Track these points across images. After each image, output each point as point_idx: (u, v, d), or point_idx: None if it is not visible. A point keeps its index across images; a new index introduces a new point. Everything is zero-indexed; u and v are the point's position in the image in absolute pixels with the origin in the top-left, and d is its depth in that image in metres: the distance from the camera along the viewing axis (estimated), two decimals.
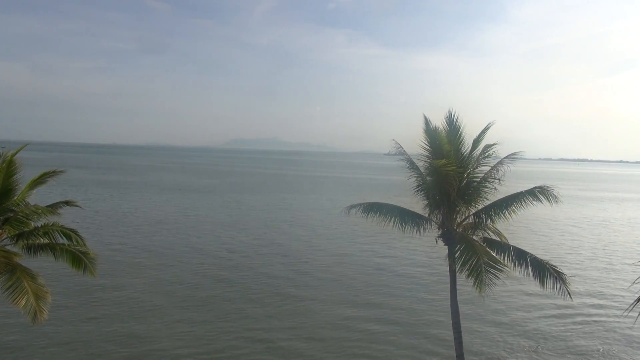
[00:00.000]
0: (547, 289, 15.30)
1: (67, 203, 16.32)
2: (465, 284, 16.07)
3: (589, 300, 33.07)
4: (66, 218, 16.41)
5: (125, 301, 29.88)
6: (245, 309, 29.33)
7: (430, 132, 16.42)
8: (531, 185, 16.37)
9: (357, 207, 17.80)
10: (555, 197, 15.66)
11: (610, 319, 29.38)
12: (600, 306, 32.00)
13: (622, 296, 33.49)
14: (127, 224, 57.34)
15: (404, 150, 17.14)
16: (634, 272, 40.81)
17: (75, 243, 15.17)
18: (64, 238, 15.08)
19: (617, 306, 31.16)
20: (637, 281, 5.05)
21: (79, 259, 15.06)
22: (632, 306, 4.92)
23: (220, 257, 42.65)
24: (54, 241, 15.03)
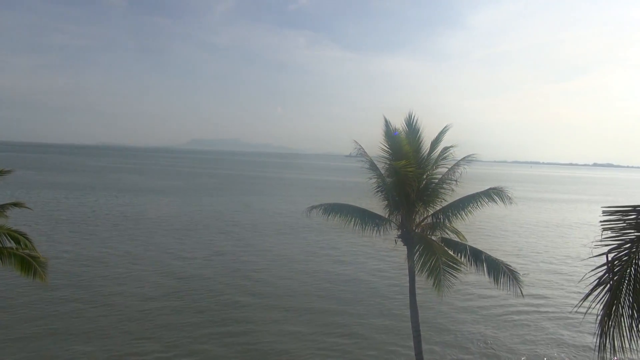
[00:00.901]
0: (501, 288, 15.77)
1: (15, 205, 15.62)
2: (424, 285, 16.33)
3: (541, 300, 34.34)
4: (15, 221, 15.70)
5: (62, 316, 27.18)
6: (191, 321, 27.38)
7: (390, 133, 16.66)
8: (486, 187, 16.88)
9: (318, 208, 17.85)
10: (509, 198, 16.20)
11: (562, 315, 30.65)
12: (551, 304, 33.31)
13: (575, 293, 35.01)
14: (78, 227, 55.03)
15: (365, 152, 17.32)
16: (582, 270, 42.64)
17: (24, 247, 14.52)
18: (12, 241, 14.41)
19: (569, 303, 32.53)
20: (584, 279, 5.26)
21: (28, 264, 14.39)
22: (580, 303, 5.13)
23: (171, 264, 40.69)
24: (0, 245, 14.34)
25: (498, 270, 15.79)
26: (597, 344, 5.11)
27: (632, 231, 5.20)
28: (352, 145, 17.36)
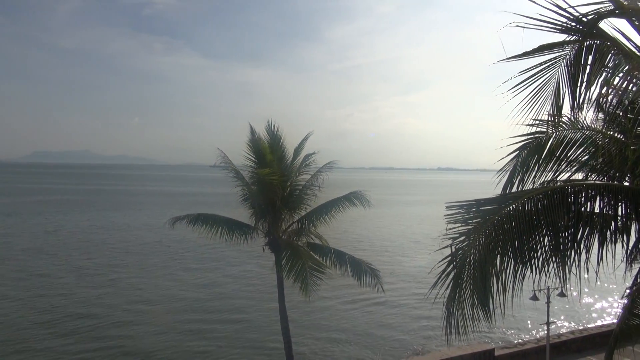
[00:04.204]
0: (364, 286, 16.70)
1: None
2: (292, 291, 16.62)
3: (397, 292, 37.15)
4: None
5: None
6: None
7: (255, 141, 16.70)
8: (347, 192, 17.79)
9: (182, 219, 17.14)
10: (368, 201, 17.27)
11: (417, 304, 33.48)
12: (407, 295, 36.27)
13: (426, 283, 38.50)
14: None
15: (229, 161, 17.11)
16: (432, 262, 47.06)
17: None
18: None
19: (421, 292, 35.67)
20: (433, 269, 5.83)
21: None
22: (430, 290, 5.67)
23: (26, 293, 36.65)
24: None
25: (361, 270, 16.68)
26: (444, 323, 5.69)
27: (472, 221, 5.93)
28: (217, 155, 17.06)
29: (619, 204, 6.19)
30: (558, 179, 7.58)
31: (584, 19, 6.30)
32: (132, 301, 33.90)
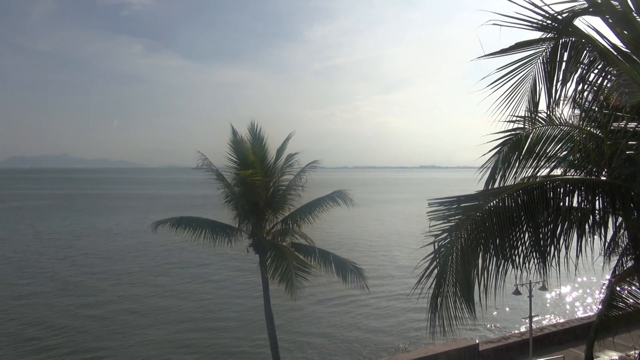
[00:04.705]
0: (349, 284, 16.74)
1: None
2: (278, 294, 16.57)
3: (382, 290, 37.34)
4: None
5: None
6: None
7: (237, 142, 16.58)
8: (330, 191, 17.80)
9: (165, 222, 16.95)
10: (351, 200, 17.29)
11: (399, 302, 33.70)
12: (392, 294, 36.48)
13: (411, 281, 38.76)
14: None
15: (211, 163, 16.98)
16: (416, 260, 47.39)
17: None
18: None
19: (406, 292, 35.91)
20: (417, 267, 5.87)
21: None
22: (414, 288, 5.71)
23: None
24: None
25: (345, 268, 16.71)
26: (429, 319, 5.73)
27: (453, 218, 5.98)
28: (199, 157, 16.92)
29: (597, 198, 6.30)
30: (538, 174, 7.70)
31: (559, 17, 6.42)
32: (115, 310, 33.35)
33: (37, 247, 57.75)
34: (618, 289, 7.32)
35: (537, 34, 6.70)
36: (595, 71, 6.55)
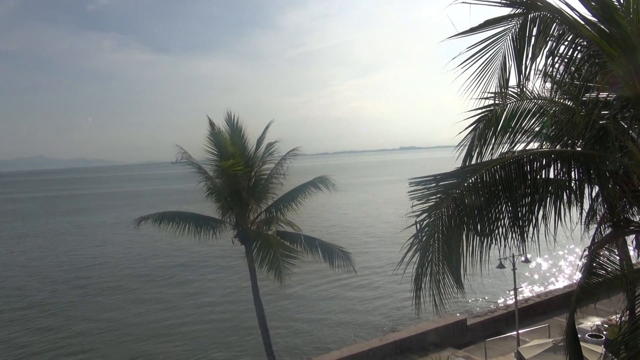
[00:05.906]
0: (336, 269, 16.84)
1: None
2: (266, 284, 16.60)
3: (369, 272, 37.72)
4: None
5: None
6: None
7: (215, 134, 16.43)
8: (312, 178, 17.80)
9: (148, 218, 16.78)
10: (333, 185, 17.35)
11: (388, 284, 34.12)
12: (379, 276, 36.90)
13: (397, 262, 39.22)
14: None
15: (190, 156, 16.80)
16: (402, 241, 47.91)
17: None
18: None
19: (392, 273, 36.37)
20: (402, 248, 5.94)
21: None
22: (398, 266, 5.79)
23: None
24: None
25: (332, 253, 16.80)
26: (414, 298, 5.81)
27: (433, 197, 6.04)
28: (177, 151, 16.70)
29: (572, 169, 6.41)
30: (515, 149, 7.80)
31: None
32: (103, 309, 33.15)
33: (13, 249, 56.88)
34: (597, 257, 7.50)
35: (507, 10, 6.73)
36: (565, 43, 6.62)
